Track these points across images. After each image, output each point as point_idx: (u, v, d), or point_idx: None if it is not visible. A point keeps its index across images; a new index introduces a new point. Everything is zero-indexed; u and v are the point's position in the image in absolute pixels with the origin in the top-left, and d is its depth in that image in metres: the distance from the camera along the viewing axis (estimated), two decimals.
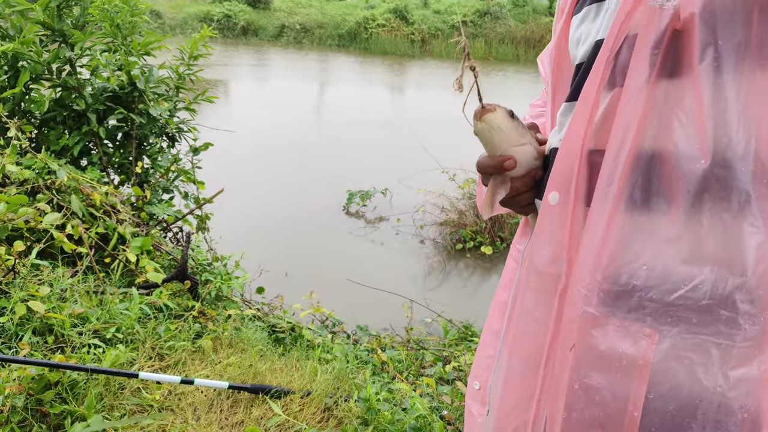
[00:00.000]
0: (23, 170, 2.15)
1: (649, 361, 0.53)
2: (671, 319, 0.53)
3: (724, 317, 0.52)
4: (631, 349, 0.54)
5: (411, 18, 17.24)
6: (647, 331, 0.53)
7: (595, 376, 0.56)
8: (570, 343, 0.57)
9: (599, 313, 0.56)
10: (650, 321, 0.54)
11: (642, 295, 0.54)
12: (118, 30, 2.66)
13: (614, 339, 0.55)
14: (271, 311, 2.55)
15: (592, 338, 0.56)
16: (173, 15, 16.57)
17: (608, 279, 0.55)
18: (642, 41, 0.53)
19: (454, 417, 1.78)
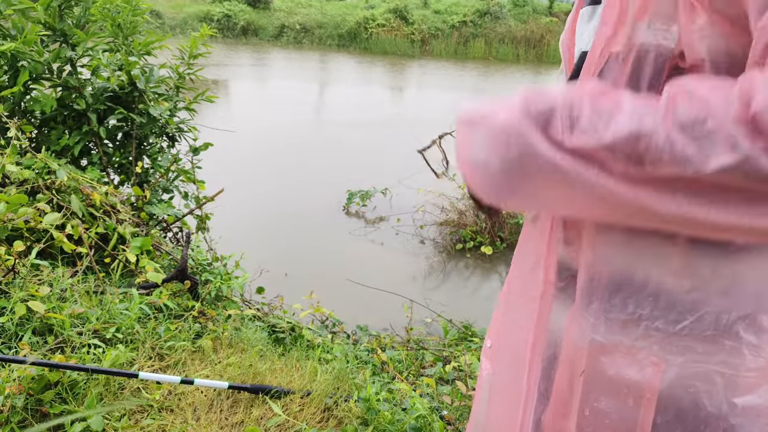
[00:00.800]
0: (23, 170, 2.15)
1: (656, 388, 0.55)
2: (677, 348, 0.54)
3: (728, 347, 0.53)
4: (638, 376, 0.56)
5: (411, 18, 17.24)
6: (654, 359, 0.55)
7: (605, 401, 0.58)
8: (580, 369, 0.59)
9: (607, 341, 0.57)
10: (657, 349, 0.55)
11: (648, 324, 0.55)
12: (119, 30, 2.66)
13: (622, 366, 0.56)
14: (271, 311, 2.55)
15: (601, 364, 0.57)
16: (173, 15, 16.56)
17: (614, 308, 0.56)
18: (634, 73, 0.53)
19: (455, 417, 1.78)
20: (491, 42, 16.99)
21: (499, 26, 17.32)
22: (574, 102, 0.48)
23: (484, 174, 0.53)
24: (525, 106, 0.50)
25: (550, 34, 17.09)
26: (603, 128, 0.45)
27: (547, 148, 0.48)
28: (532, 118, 0.49)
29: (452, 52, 16.92)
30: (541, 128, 0.49)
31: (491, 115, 0.52)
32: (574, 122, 0.47)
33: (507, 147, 0.50)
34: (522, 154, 0.49)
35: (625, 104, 0.46)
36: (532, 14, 18.38)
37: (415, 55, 16.43)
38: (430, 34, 17.12)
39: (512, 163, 0.50)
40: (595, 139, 0.46)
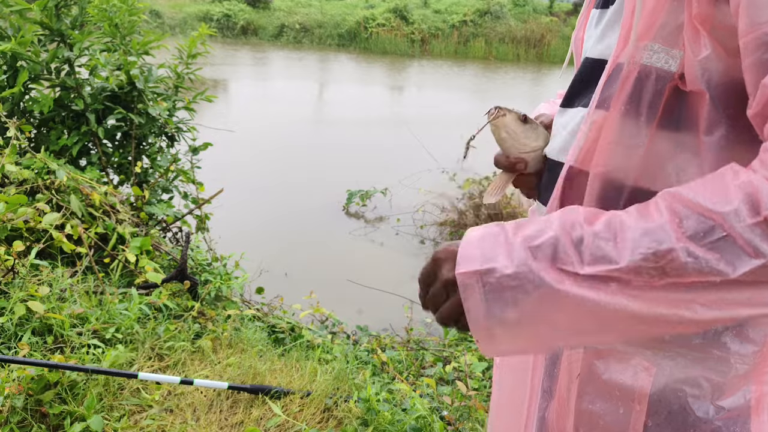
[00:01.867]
0: (22, 170, 2.15)
1: (647, 392, 0.57)
2: (668, 354, 0.56)
3: (715, 356, 0.55)
4: (631, 380, 0.58)
5: (411, 17, 17.24)
6: (645, 364, 0.57)
7: (599, 403, 0.60)
8: (576, 372, 0.62)
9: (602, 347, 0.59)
10: (650, 354, 0.57)
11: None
12: (116, 30, 2.65)
13: (616, 370, 0.59)
14: (271, 311, 2.55)
15: (595, 368, 0.60)
16: (173, 15, 16.56)
17: None
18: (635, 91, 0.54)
19: (455, 417, 1.78)
20: (491, 42, 16.99)
21: (500, 26, 17.32)
22: (568, 228, 0.50)
23: (503, 328, 0.52)
24: (525, 245, 0.50)
25: (550, 34, 17.09)
26: (614, 253, 0.47)
27: (564, 282, 0.48)
28: (537, 257, 0.49)
29: (452, 51, 16.91)
30: (550, 263, 0.49)
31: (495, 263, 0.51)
32: (581, 250, 0.48)
33: (525, 296, 0.50)
34: (542, 299, 0.49)
35: (625, 224, 0.48)
36: (532, 14, 18.38)
37: (415, 55, 16.43)
38: (430, 34, 17.12)
39: (534, 311, 0.50)
40: (611, 263, 0.47)
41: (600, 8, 0.67)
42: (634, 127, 0.54)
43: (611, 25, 0.62)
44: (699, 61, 0.51)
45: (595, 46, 0.64)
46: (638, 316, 0.47)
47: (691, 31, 0.51)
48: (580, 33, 0.75)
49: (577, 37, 0.76)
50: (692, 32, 0.51)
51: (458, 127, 8.53)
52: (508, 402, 0.76)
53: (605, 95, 0.57)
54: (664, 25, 0.53)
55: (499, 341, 0.53)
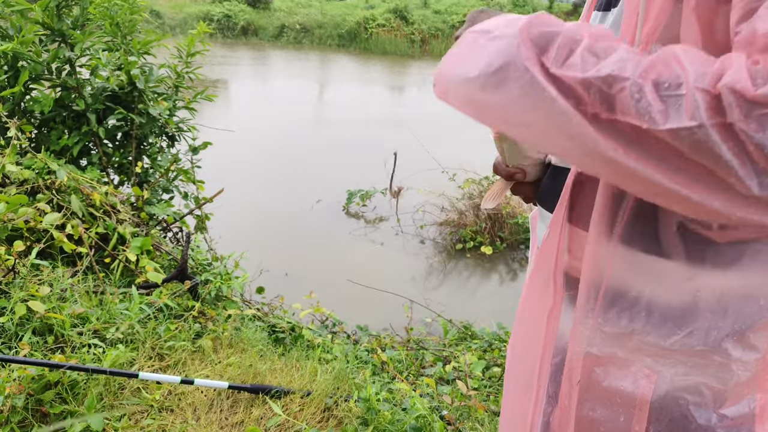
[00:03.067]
0: (23, 170, 2.15)
1: (648, 400, 0.57)
2: (668, 361, 0.56)
3: (717, 363, 0.55)
4: (631, 387, 0.58)
5: (411, 18, 17.24)
6: (646, 371, 0.57)
7: (599, 410, 0.60)
8: (576, 378, 0.61)
9: (602, 353, 0.59)
10: (649, 362, 0.57)
11: (641, 338, 0.57)
12: (117, 29, 2.66)
13: (616, 377, 0.58)
14: (271, 311, 2.55)
15: (595, 375, 0.60)
16: (173, 15, 16.56)
17: (609, 321, 0.58)
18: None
19: (455, 417, 1.78)
20: None
21: None
22: (575, 37, 0.48)
23: (469, 86, 0.51)
24: (528, 27, 0.49)
25: None
26: (588, 66, 0.46)
27: (536, 69, 0.48)
28: (532, 39, 0.49)
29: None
30: (536, 51, 0.48)
31: (495, 30, 0.51)
32: (568, 54, 0.48)
33: (493, 58, 0.49)
34: (504, 66, 0.48)
35: (618, 51, 0.46)
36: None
37: (415, 55, 16.43)
38: (430, 34, 17.12)
39: (493, 74, 0.49)
40: (578, 73, 0.46)
41: (602, 10, 0.67)
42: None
43: (615, 28, 0.61)
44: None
45: None
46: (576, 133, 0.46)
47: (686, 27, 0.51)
48: None
49: None
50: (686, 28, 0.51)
51: (458, 127, 8.49)
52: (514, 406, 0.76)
53: None
54: (667, 26, 0.52)
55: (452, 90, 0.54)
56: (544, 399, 0.68)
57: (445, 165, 4.68)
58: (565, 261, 0.64)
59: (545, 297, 0.66)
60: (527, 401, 0.71)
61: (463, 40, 0.54)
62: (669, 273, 0.55)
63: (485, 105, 0.50)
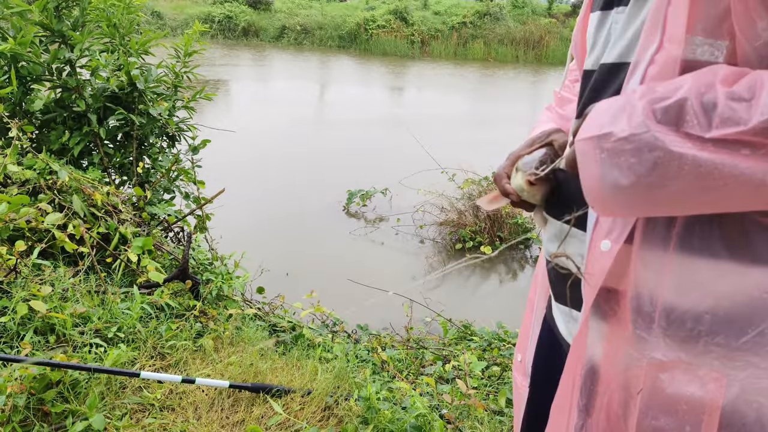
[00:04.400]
0: (24, 170, 2.16)
1: (719, 405, 0.54)
2: (739, 363, 0.53)
3: None
4: (700, 392, 0.54)
5: (411, 19, 17.25)
6: (715, 374, 0.54)
7: (663, 418, 0.56)
8: (636, 388, 0.58)
9: (666, 358, 0.56)
10: (718, 365, 0.54)
11: (708, 340, 0.54)
12: (115, 29, 2.66)
13: (682, 383, 0.55)
14: (272, 310, 2.56)
15: (660, 382, 0.56)
16: (174, 16, 16.58)
17: (673, 325, 0.55)
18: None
19: (454, 416, 1.79)
20: (490, 43, 17.00)
21: (499, 27, 17.34)
22: (702, 91, 0.46)
23: (616, 194, 0.50)
24: (648, 108, 0.48)
25: (549, 35, 17.10)
26: (746, 113, 0.43)
27: (685, 146, 0.45)
28: (660, 119, 0.46)
29: (452, 53, 16.93)
30: (672, 127, 0.46)
31: (612, 127, 0.49)
32: (709, 112, 0.45)
33: (639, 160, 0.47)
34: (657, 164, 0.46)
35: (765, 83, 0.44)
36: (531, 15, 18.40)
37: (415, 56, 16.44)
38: (429, 36, 17.13)
39: (648, 176, 0.47)
40: (740, 125, 0.43)
41: (601, 10, 0.64)
42: None
43: (627, 27, 0.59)
44: (756, 48, 0.48)
45: (609, 50, 0.61)
46: (752, 181, 0.43)
47: (744, 17, 0.48)
48: (580, 38, 0.73)
49: (577, 42, 0.74)
50: (745, 18, 0.48)
51: (458, 127, 8.47)
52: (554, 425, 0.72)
53: None
54: (704, 16, 0.50)
55: (613, 207, 0.52)
56: (576, 413, 0.64)
57: (445, 165, 4.69)
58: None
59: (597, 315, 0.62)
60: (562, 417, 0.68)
61: (583, 152, 0.51)
62: (733, 273, 0.53)
63: (657, 202, 0.49)
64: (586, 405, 0.63)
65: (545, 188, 0.67)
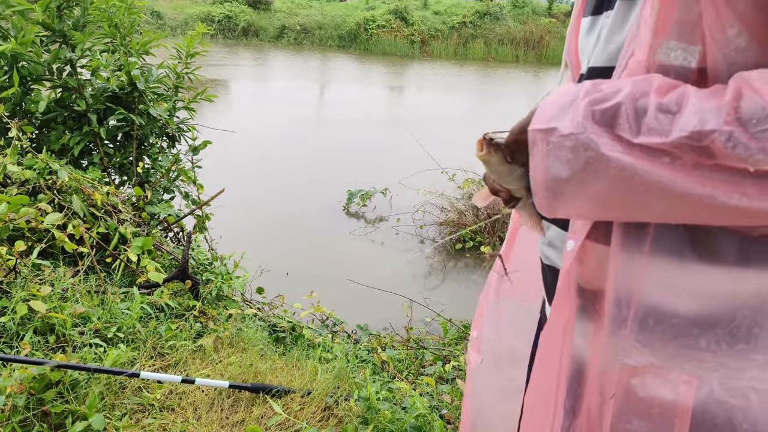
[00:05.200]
0: (24, 170, 2.16)
1: (689, 407, 0.54)
2: (709, 364, 0.54)
3: (760, 362, 0.53)
4: (671, 396, 0.55)
5: (411, 19, 17.25)
6: (686, 377, 0.55)
7: (636, 422, 0.57)
8: (609, 392, 0.59)
9: (638, 363, 0.57)
10: (689, 367, 0.54)
11: (679, 343, 0.55)
12: (116, 30, 2.66)
13: (653, 386, 0.56)
14: (272, 311, 2.56)
15: (632, 386, 0.57)
16: (174, 16, 16.59)
17: (645, 328, 0.56)
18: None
19: (454, 416, 1.79)
20: (490, 43, 17.01)
21: (499, 27, 17.34)
22: (637, 97, 0.49)
23: (556, 185, 0.53)
24: (588, 109, 0.50)
25: (549, 35, 17.11)
26: (669, 126, 0.46)
27: (615, 149, 0.48)
28: (597, 120, 0.50)
29: (452, 53, 16.93)
30: (606, 128, 0.49)
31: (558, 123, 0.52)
32: (640, 118, 0.48)
33: (575, 157, 0.51)
34: (589, 162, 0.50)
35: (690, 100, 0.47)
36: (531, 15, 18.40)
37: (415, 56, 16.45)
38: (429, 35, 17.14)
39: (581, 172, 0.51)
40: (662, 136, 0.46)
41: (592, 15, 0.65)
42: None
43: (615, 30, 0.60)
44: (726, 54, 0.49)
45: (599, 54, 0.62)
46: (680, 193, 0.47)
47: (715, 23, 0.49)
48: (572, 43, 0.73)
49: (570, 47, 0.74)
50: (716, 24, 0.49)
51: (458, 127, 8.48)
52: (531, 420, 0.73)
53: None
54: (678, 21, 0.51)
55: (553, 200, 0.55)
56: (562, 413, 0.65)
57: (445, 165, 4.69)
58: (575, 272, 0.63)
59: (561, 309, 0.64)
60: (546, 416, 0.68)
61: (533, 142, 0.54)
62: (701, 274, 0.54)
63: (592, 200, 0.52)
64: (573, 406, 0.63)
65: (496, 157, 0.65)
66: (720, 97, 0.46)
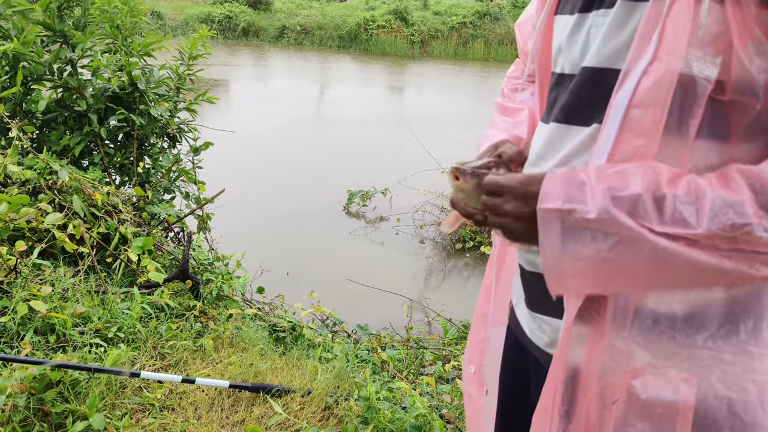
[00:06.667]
0: (25, 170, 2.16)
1: (692, 405, 0.55)
2: (706, 361, 0.55)
3: (756, 354, 0.54)
4: (672, 395, 0.56)
5: (411, 19, 17.25)
6: (685, 375, 0.56)
7: (640, 425, 0.58)
8: (611, 397, 0.59)
9: (638, 365, 0.57)
10: (687, 365, 0.56)
11: (676, 342, 0.56)
12: (118, 31, 2.67)
13: (654, 387, 0.57)
14: (272, 310, 2.56)
15: (633, 389, 0.58)
16: (174, 16, 16.58)
17: (645, 331, 0.57)
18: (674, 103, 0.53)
19: (454, 416, 1.79)
20: (490, 43, 17.00)
21: (499, 27, 17.33)
22: (653, 188, 0.52)
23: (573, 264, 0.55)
24: (608, 195, 0.52)
25: None
26: (693, 219, 0.50)
27: (645, 232, 0.51)
28: (619, 207, 0.52)
29: (452, 53, 16.92)
30: (627, 214, 0.52)
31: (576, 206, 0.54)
32: (661, 209, 0.51)
33: (604, 236, 0.53)
34: (619, 242, 0.52)
35: (706, 192, 0.50)
36: None
37: (415, 56, 16.44)
38: (429, 36, 17.14)
39: (609, 251, 0.53)
40: (688, 228, 0.50)
41: (579, 13, 0.63)
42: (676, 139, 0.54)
43: (614, 30, 0.58)
44: (753, 69, 0.50)
45: (593, 54, 0.60)
46: (704, 269, 0.51)
47: (744, 37, 0.50)
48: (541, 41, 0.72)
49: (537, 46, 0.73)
50: (744, 38, 0.50)
51: (458, 127, 8.48)
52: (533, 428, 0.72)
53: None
54: (702, 32, 0.51)
55: (566, 277, 0.56)
56: (558, 418, 0.65)
57: (445, 165, 4.68)
58: None
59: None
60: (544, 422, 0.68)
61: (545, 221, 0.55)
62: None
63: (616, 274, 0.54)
64: (568, 411, 0.63)
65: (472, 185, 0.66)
66: (736, 190, 0.50)
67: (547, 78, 0.74)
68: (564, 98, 0.64)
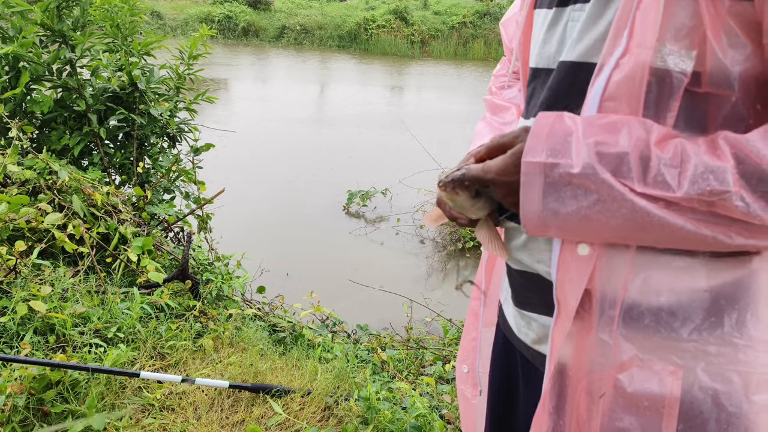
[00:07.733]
0: (24, 170, 2.16)
1: (677, 397, 0.56)
2: (691, 353, 0.55)
3: (741, 346, 0.54)
4: (658, 388, 0.56)
5: (411, 19, 17.25)
6: (671, 368, 0.56)
7: (627, 418, 0.58)
8: (598, 392, 0.59)
9: (624, 359, 0.58)
10: (673, 358, 0.56)
11: (661, 334, 0.56)
12: (118, 30, 2.67)
13: (640, 380, 0.57)
14: (272, 311, 2.56)
15: (620, 383, 0.58)
16: (174, 16, 16.58)
17: (631, 324, 0.57)
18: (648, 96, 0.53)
19: (454, 416, 1.79)
20: (491, 43, 16.99)
21: (499, 27, 17.33)
22: (640, 146, 0.52)
23: (554, 218, 0.55)
24: (594, 150, 0.52)
25: None
26: (674, 182, 0.51)
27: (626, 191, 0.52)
28: (604, 163, 0.52)
29: (452, 53, 16.92)
30: (612, 173, 0.52)
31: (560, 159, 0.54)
32: (645, 169, 0.51)
33: (584, 193, 0.53)
34: (599, 200, 0.53)
35: (691, 156, 0.51)
36: None
37: (415, 56, 16.44)
38: (429, 35, 17.13)
39: (589, 208, 0.53)
40: (668, 191, 0.50)
41: (557, 7, 0.63)
42: None
43: (589, 25, 0.58)
44: (727, 61, 0.50)
45: (569, 49, 0.60)
46: (680, 231, 0.52)
47: (717, 30, 0.50)
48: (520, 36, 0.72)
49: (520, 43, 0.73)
50: (717, 31, 0.50)
51: (458, 127, 8.48)
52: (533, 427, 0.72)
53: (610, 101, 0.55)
54: (676, 25, 0.51)
55: (543, 228, 0.57)
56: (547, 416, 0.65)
57: (445, 165, 4.68)
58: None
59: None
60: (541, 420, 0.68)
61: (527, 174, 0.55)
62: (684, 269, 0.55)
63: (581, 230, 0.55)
64: (557, 407, 0.63)
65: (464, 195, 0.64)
66: (721, 157, 0.50)
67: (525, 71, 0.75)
68: (542, 93, 0.65)
